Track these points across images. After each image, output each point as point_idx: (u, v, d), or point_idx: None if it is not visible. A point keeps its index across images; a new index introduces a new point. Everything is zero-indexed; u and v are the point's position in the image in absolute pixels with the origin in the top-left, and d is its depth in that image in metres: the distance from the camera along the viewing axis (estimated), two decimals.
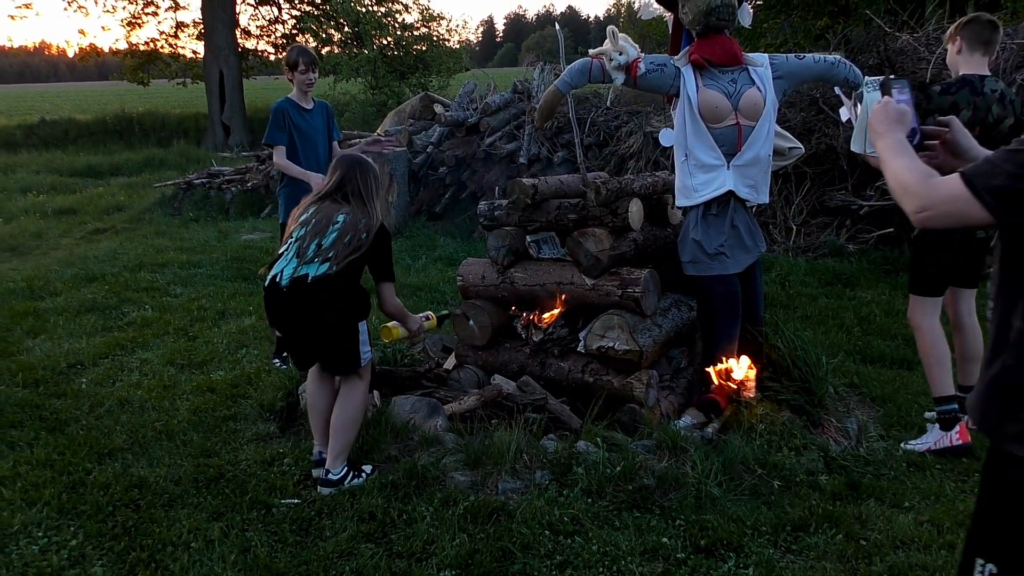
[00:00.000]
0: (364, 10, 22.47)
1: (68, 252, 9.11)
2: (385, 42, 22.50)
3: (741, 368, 4.16)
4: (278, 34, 24.95)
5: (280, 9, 24.57)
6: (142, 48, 23.73)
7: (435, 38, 23.40)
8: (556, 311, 4.46)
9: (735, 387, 4.14)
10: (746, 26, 4.37)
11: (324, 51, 23.34)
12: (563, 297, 4.38)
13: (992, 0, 14.13)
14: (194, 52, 24.09)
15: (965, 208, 1.70)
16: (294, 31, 24.54)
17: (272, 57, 24.95)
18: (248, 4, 24.16)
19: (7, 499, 3.56)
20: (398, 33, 22.89)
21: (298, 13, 24.49)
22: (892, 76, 2.19)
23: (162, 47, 23.91)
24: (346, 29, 23.05)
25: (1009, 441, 1.73)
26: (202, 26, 21.20)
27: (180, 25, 23.97)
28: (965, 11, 14.08)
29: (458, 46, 25.39)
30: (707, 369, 4.24)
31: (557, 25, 4.74)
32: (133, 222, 10.93)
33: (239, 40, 22.09)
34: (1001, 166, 1.68)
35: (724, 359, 4.16)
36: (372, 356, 3.84)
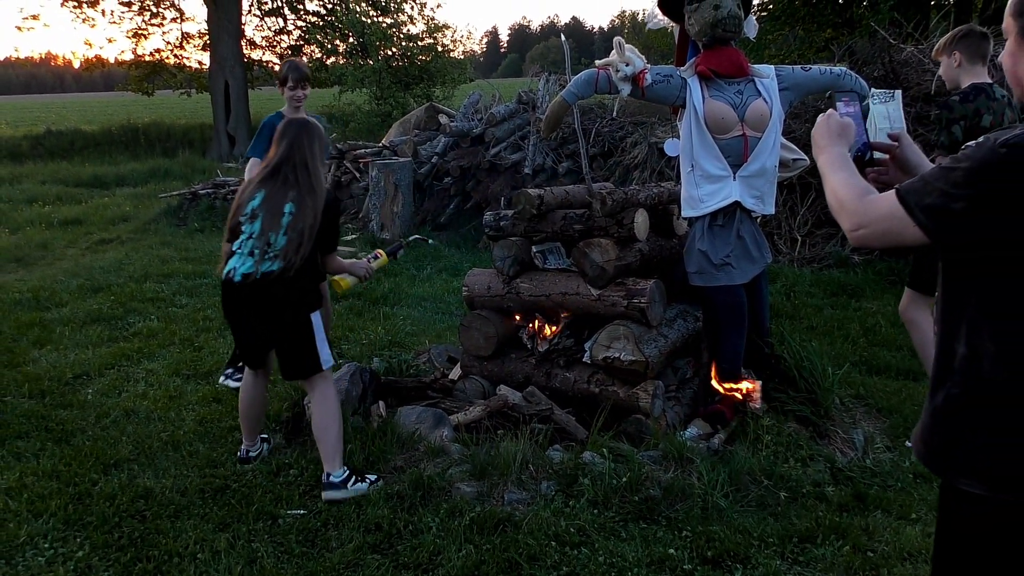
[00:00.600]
0: (369, 21, 22.57)
1: (74, 263, 9.13)
2: (390, 53, 22.57)
3: (747, 379, 4.16)
4: (284, 45, 25.08)
5: (286, 20, 24.70)
6: (147, 59, 23.83)
7: (440, 49, 23.46)
8: (561, 321, 4.46)
9: (741, 398, 4.13)
10: (751, 38, 4.38)
11: (329, 62, 23.44)
12: (568, 308, 4.38)
13: (996, 12, 14.17)
14: (199, 63, 24.23)
15: (900, 226, 1.66)
16: (299, 42, 24.66)
17: (277, 68, 25.04)
18: (254, 15, 24.30)
19: (13, 510, 3.56)
20: (403, 44, 22.97)
21: (304, 24, 24.61)
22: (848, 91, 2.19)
23: (167, 58, 24.01)
24: (351, 40, 23.14)
25: (956, 475, 1.67)
26: (207, 37, 21.28)
27: (186, 36, 24.09)
28: (970, 22, 14.11)
29: (463, 57, 25.45)
30: (712, 380, 4.24)
31: (564, 37, 4.76)
32: (139, 232, 10.96)
33: (244, 51, 22.17)
34: (934, 184, 1.62)
35: (730, 370, 4.16)
36: (333, 361, 3.90)
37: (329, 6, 24.28)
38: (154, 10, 23.04)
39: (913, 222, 1.63)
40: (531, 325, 4.59)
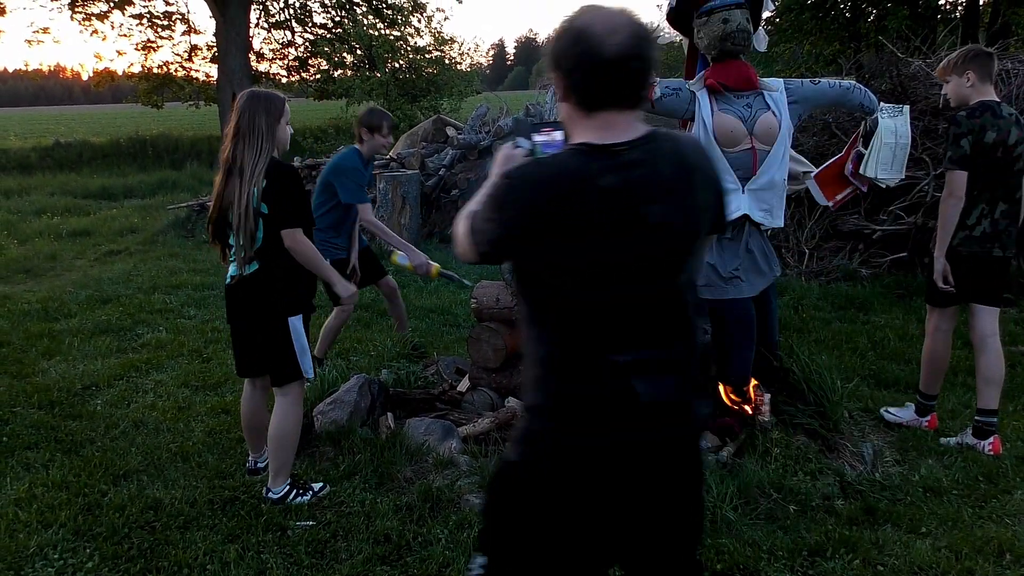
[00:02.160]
0: (377, 34, 22.69)
1: (82, 274, 9.17)
2: (397, 65, 22.69)
3: (755, 391, 4.15)
4: (291, 57, 25.21)
5: (293, 33, 24.82)
6: (156, 71, 23.94)
7: (447, 61, 23.58)
8: None
9: (750, 411, 4.12)
10: (761, 51, 4.39)
11: (336, 74, 23.55)
12: None
13: (1003, 27, 14.20)
14: (207, 75, 24.32)
15: (467, 246, 1.80)
16: (307, 54, 24.78)
17: (284, 80, 25.18)
18: (262, 28, 24.41)
19: (23, 521, 3.57)
20: (410, 56, 23.08)
21: (311, 37, 24.73)
22: (531, 119, 2.10)
23: (176, 71, 24.12)
24: (359, 52, 23.26)
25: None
26: (215, 49, 21.38)
27: (194, 48, 24.21)
28: (976, 37, 14.13)
29: (469, 69, 25.56)
30: (721, 392, 4.23)
31: None
32: (147, 244, 11.00)
33: (252, 63, 22.26)
34: (479, 209, 1.77)
35: (738, 383, 4.15)
36: (313, 374, 3.84)
37: (336, 19, 24.41)
38: (164, 22, 23.15)
39: (470, 243, 1.79)
40: None
